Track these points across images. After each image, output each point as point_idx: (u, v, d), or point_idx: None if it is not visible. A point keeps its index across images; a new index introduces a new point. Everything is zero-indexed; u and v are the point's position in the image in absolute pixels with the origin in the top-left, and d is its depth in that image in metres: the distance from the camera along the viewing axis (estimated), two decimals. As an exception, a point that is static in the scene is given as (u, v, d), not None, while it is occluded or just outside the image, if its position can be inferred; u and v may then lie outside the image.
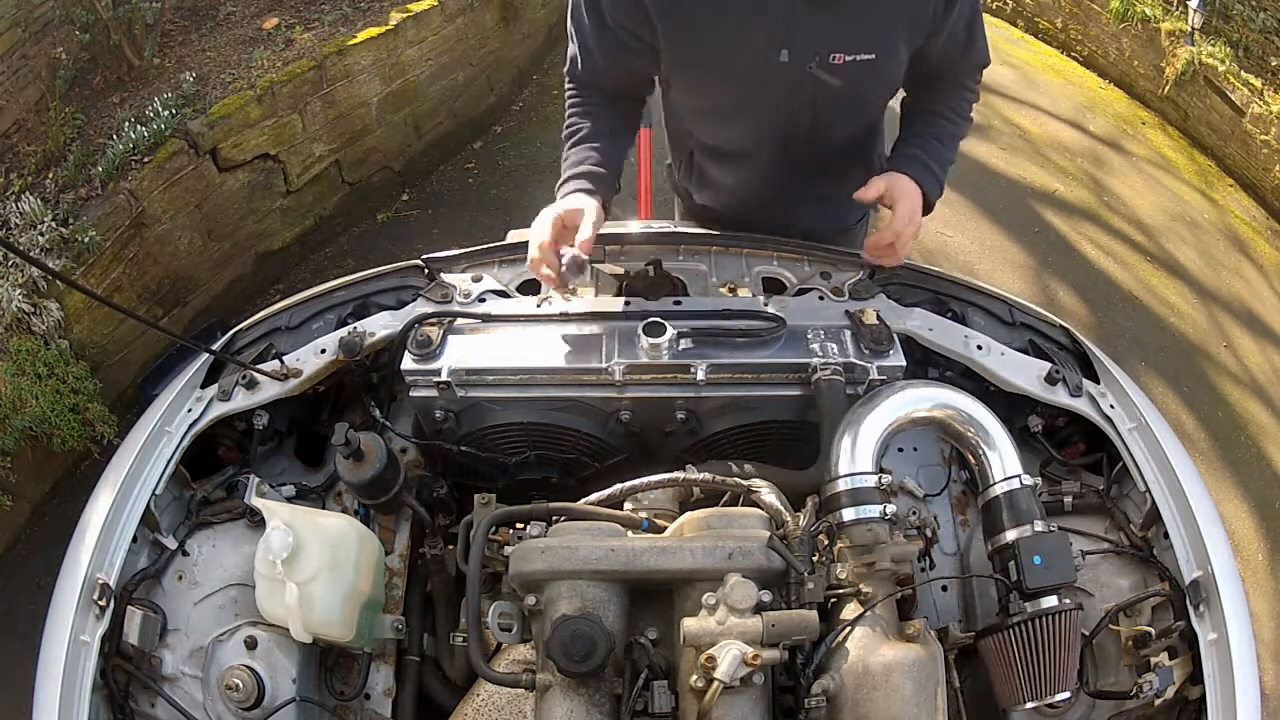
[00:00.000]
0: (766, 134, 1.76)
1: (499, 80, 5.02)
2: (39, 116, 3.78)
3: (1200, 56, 4.92)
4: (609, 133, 1.74)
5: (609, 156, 1.69)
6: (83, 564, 1.42)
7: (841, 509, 1.31)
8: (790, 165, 1.81)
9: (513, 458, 1.67)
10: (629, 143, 1.84)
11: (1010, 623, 1.27)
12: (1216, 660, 1.34)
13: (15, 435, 2.99)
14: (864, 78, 1.59)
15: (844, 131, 1.78)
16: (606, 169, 1.67)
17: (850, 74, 1.57)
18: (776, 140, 1.76)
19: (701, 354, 1.53)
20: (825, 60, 1.55)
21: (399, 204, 4.65)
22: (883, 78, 1.64)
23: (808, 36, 1.52)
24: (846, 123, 1.76)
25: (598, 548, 1.23)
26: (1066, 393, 1.63)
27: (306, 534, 1.37)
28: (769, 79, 1.59)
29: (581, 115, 1.75)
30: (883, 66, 1.59)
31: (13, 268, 3.16)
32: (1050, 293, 4.27)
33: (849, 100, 1.66)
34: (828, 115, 1.69)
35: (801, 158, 1.79)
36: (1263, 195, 4.87)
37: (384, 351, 1.70)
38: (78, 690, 1.33)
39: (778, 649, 1.15)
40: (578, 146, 1.71)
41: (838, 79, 1.57)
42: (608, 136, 1.73)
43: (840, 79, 1.57)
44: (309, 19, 4.23)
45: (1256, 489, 3.61)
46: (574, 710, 1.17)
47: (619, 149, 1.75)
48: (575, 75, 1.76)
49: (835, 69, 1.56)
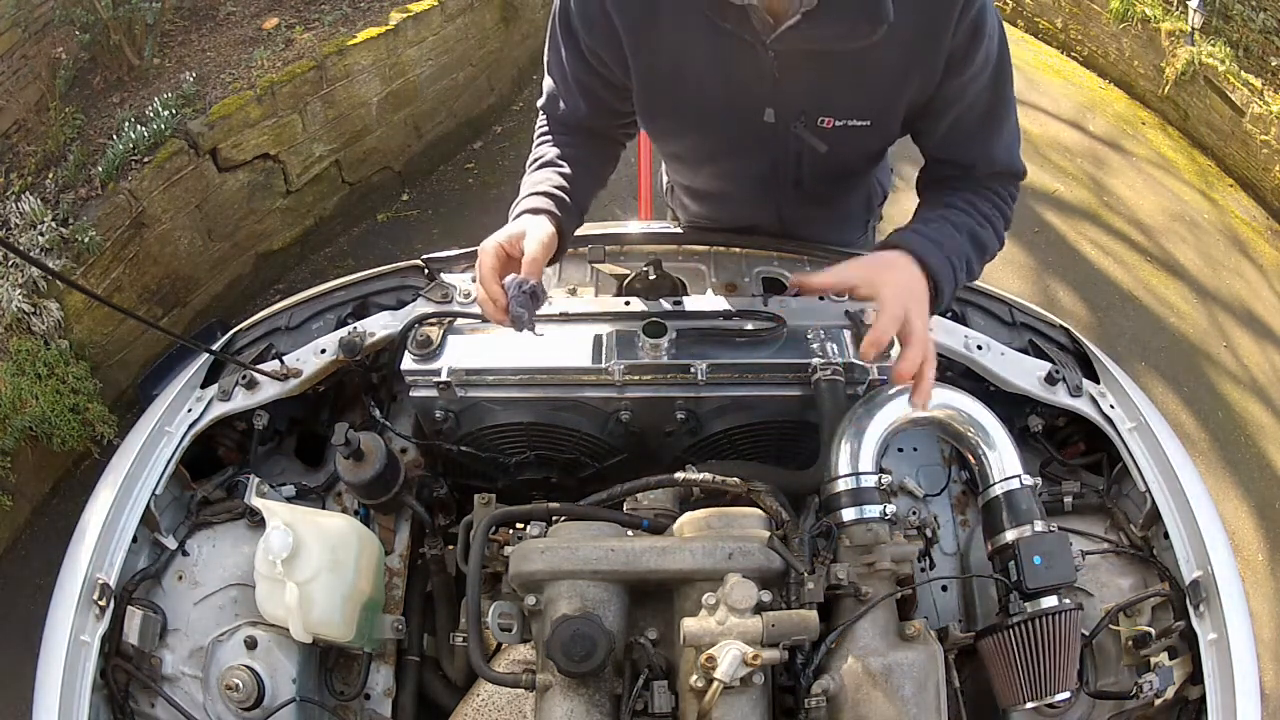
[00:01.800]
0: (745, 180, 1.64)
1: (499, 80, 5.02)
2: (39, 116, 3.78)
3: (1200, 56, 4.92)
4: (577, 161, 1.52)
5: (574, 184, 1.47)
6: (83, 564, 1.42)
7: (842, 509, 1.31)
8: (776, 204, 1.71)
9: (513, 458, 1.66)
10: (599, 182, 1.61)
11: (1010, 623, 1.26)
12: (1216, 660, 1.34)
13: (15, 435, 2.99)
14: (855, 142, 1.45)
15: (832, 181, 1.63)
16: (570, 196, 1.45)
17: (839, 139, 1.43)
18: (758, 187, 1.64)
19: (701, 354, 1.53)
20: (813, 122, 1.41)
21: (399, 204, 4.65)
22: (875, 143, 1.50)
23: (796, 96, 1.38)
24: (834, 177, 1.60)
25: (598, 548, 1.23)
26: (1066, 393, 1.63)
27: (306, 534, 1.37)
28: (750, 136, 1.47)
29: (549, 145, 1.55)
30: (877, 132, 1.43)
31: (13, 268, 3.16)
32: (1050, 293, 4.27)
33: (836, 161, 1.50)
34: (814, 171, 1.54)
35: (787, 199, 1.68)
36: (1263, 195, 4.87)
37: (384, 351, 1.70)
38: (78, 690, 1.33)
39: (778, 649, 1.15)
40: (540, 170, 1.50)
41: (824, 143, 1.43)
42: (575, 164, 1.51)
43: (827, 143, 1.43)
44: (309, 19, 4.23)
45: (1256, 489, 3.62)
46: (574, 710, 1.17)
47: (587, 184, 1.53)
48: (552, 113, 1.58)
49: (823, 133, 1.42)
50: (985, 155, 1.45)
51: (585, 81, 1.50)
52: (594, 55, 1.44)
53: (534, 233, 1.33)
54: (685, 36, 1.35)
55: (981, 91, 1.37)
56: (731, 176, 1.67)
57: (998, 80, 1.38)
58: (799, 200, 1.68)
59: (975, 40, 1.31)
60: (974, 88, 1.37)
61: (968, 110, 1.39)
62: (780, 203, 1.71)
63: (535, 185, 1.46)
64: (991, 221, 1.45)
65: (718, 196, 1.80)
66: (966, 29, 1.29)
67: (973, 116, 1.40)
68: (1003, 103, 1.41)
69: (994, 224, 1.46)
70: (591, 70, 1.47)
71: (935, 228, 1.38)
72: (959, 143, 1.45)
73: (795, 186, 1.62)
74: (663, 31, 1.36)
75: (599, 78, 1.49)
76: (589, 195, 1.54)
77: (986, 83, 1.37)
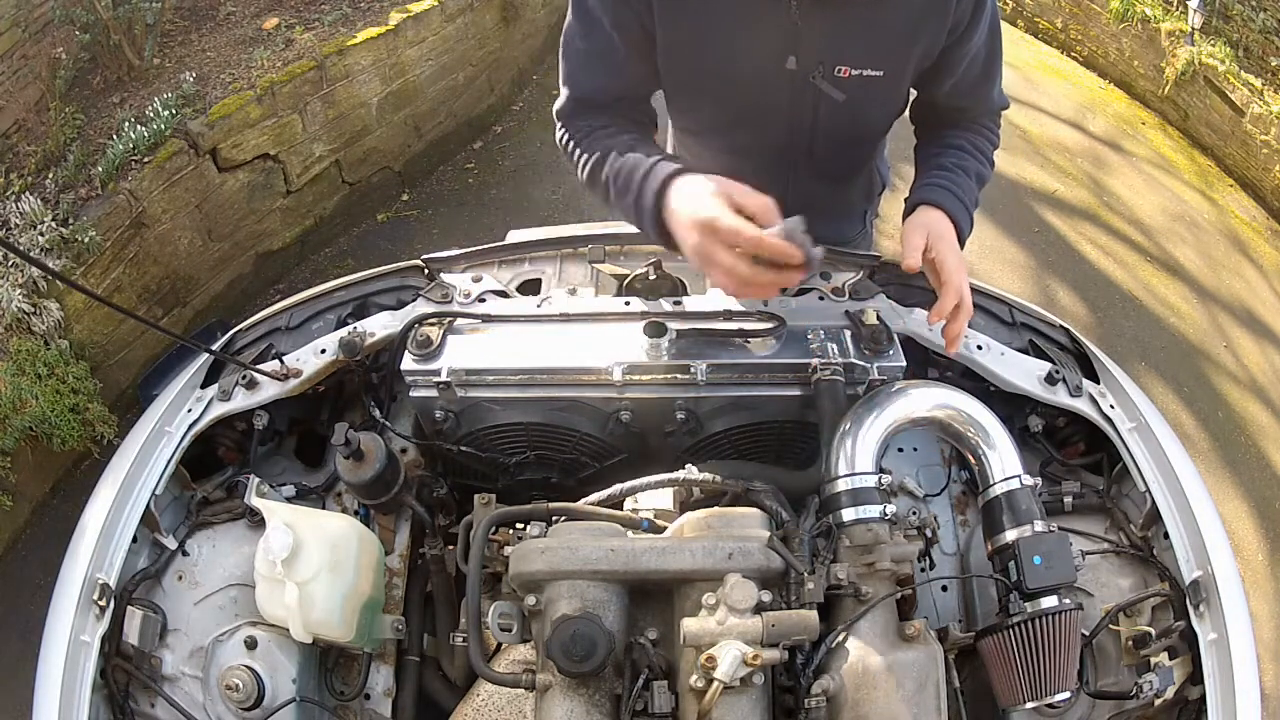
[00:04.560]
0: (762, 151, 1.66)
1: (499, 80, 5.02)
2: (39, 116, 3.78)
3: (1200, 56, 4.92)
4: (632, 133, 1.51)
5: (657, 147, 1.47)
6: (83, 564, 1.42)
7: (841, 509, 1.31)
8: (785, 181, 1.72)
9: (513, 458, 1.66)
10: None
11: (1010, 623, 1.26)
12: (1216, 660, 1.34)
13: (15, 435, 2.99)
14: (868, 94, 1.51)
15: (843, 148, 1.69)
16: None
17: (855, 88, 1.49)
18: (772, 158, 1.67)
19: (701, 354, 1.53)
20: (830, 72, 1.47)
21: (399, 204, 4.65)
22: (888, 96, 1.56)
23: (815, 44, 1.44)
24: (846, 139, 1.66)
25: (598, 548, 1.23)
26: (1066, 393, 1.63)
27: (306, 534, 1.37)
28: (773, 87, 1.51)
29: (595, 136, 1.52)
30: (889, 85, 1.51)
31: (13, 268, 3.16)
32: (1050, 293, 4.28)
33: (850, 115, 1.55)
34: (828, 129, 1.59)
35: (798, 172, 1.71)
36: (1263, 195, 4.87)
37: (384, 351, 1.69)
38: (78, 690, 1.33)
39: (778, 649, 1.15)
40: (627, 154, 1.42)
41: (841, 92, 1.49)
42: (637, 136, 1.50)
43: (844, 92, 1.49)
44: (309, 19, 4.23)
45: (1256, 489, 3.62)
46: (574, 710, 1.17)
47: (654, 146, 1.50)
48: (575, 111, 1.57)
49: (840, 82, 1.48)
50: (981, 100, 1.63)
51: (607, 55, 1.49)
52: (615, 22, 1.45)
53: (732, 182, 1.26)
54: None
55: (980, 49, 1.51)
56: (746, 151, 1.67)
57: (992, 37, 1.53)
58: (810, 176, 1.71)
59: (980, 6, 1.44)
60: (974, 49, 1.50)
61: (968, 68, 1.53)
62: (789, 181, 1.71)
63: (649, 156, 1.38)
64: (987, 154, 1.66)
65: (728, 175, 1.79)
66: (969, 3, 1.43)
67: (972, 72, 1.55)
68: (996, 55, 1.56)
69: (989, 155, 1.66)
70: (612, 42, 1.47)
71: (957, 181, 1.56)
72: (960, 94, 1.60)
73: (808, 156, 1.66)
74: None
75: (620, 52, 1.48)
76: None
77: (984, 41, 1.51)
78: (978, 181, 1.62)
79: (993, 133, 1.68)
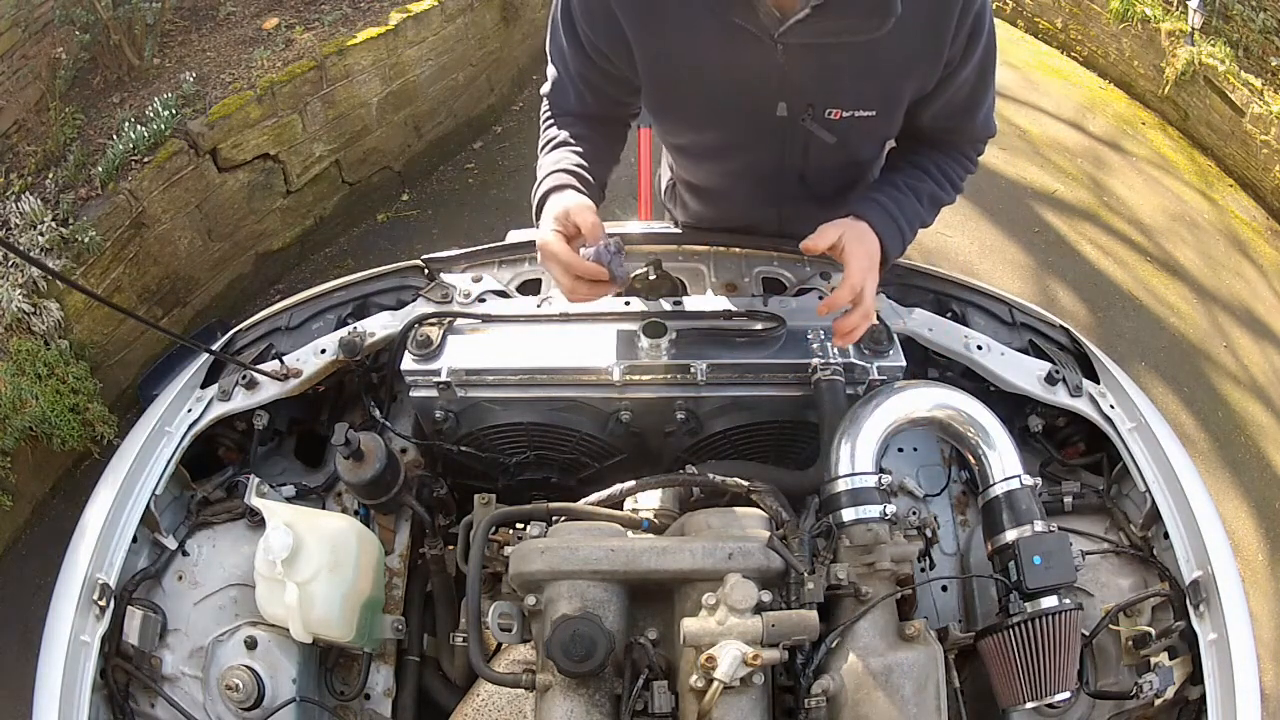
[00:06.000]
0: (751, 176, 1.65)
1: (499, 80, 5.02)
2: (39, 116, 3.78)
3: (1200, 56, 4.92)
4: (588, 140, 1.53)
5: (590, 161, 1.49)
6: (83, 564, 1.42)
7: (841, 509, 1.31)
8: (779, 200, 1.72)
9: (513, 458, 1.66)
10: (613, 159, 1.63)
11: (1010, 623, 1.26)
12: (1216, 660, 1.34)
13: (15, 435, 2.99)
14: (860, 132, 1.48)
15: (835, 174, 1.65)
16: (588, 172, 1.47)
17: (846, 129, 1.45)
18: (762, 182, 1.65)
19: (701, 354, 1.53)
20: (820, 114, 1.42)
21: (399, 204, 4.65)
22: (881, 131, 1.52)
23: (804, 88, 1.40)
24: (838, 167, 1.63)
25: (598, 548, 1.23)
26: (1066, 393, 1.63)
27: (306, 534, 1.37)
28: (764, 130, 1.48)
29: (559, 128, 1.56)
30: (882, 122, 1.47)
31: (13, 268, 3.16)
32: (1050, 293, 4.27)
33: (843, 152, 1.53)
34: (819, 164, 1.57)
35: (789, 195, 1.69)
36: (1263, 195, 4.87)
37: (384, 351, 1.70)
38: (78, 690, 1.33)
39: (778, 649, 1.15)
40: (555, 150, 1.51)
41: (833, 134, 1.45)
42: (586, 143, 1.52)
43: (836, 134, 1.45)
44: (309, 19, 4.23)
45: (1256, 489, 3.61)
46: (574, 710, 1.17)
47: (603, 160, 1.55)
48: (556, 101, 1.59)
49: (831, 124, 1.44)
50: (964, 127, 1.55)
51: (587, 75, 1.50)
52: (595, 50, 1.44)
53: (576, 203, 1.36)
54: (691, 30, 1.35)
55: (968, 78, 1.43)
56: (737, 173, 1.67)
57: (983, 67, 1.44)
58: (801, 197, 1.68)
59: (974, 40, 1.36)
60: (963, 79, 1.43)
61: (955, 94, 1.46)
62: (782, 200, 1.71)
63: (554, 164, 1.47)
64: (952, 181, 1.58)
65: (720, 193, 1.79)
66: (967, 30, 1.33)
67: (957, 99, 1.47)
68: (986, 83, 1.48)
69: (954, 182, 1.59)
70: (593, 64, 1.47)
71: (900, 201, 1.49)
72: (943, 118, 1.52)
73: (799, 182, 1.63)
74: (668, 26, 1.36)
75: (601, 71, 1.48)
76: (606, 171, 1.57)
77: (973, 71, 1.43)
78: (930, 205, 1.55)
79: (970, 160, 1.60)
